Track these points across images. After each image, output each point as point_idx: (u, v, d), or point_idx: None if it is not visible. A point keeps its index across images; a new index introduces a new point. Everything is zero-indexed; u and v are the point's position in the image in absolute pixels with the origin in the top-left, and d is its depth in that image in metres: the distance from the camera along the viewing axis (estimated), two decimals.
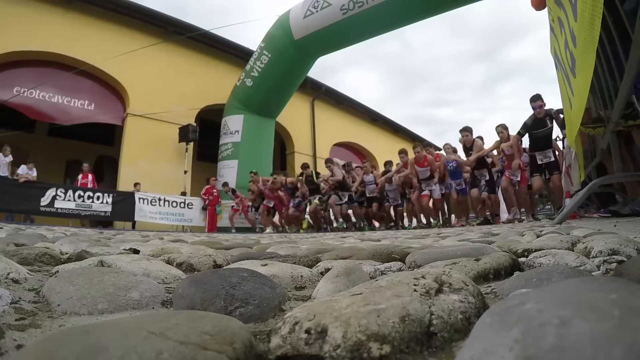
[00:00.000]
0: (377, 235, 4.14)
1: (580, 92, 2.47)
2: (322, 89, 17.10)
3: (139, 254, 1.36)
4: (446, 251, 1.00)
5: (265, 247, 1.92)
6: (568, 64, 2.73)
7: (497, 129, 7.03)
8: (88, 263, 0.98)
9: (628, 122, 2.90)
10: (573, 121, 3.20)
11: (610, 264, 0.78)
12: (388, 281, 0.47)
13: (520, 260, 0.89)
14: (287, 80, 12.13)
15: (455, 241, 1.86)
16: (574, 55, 2.36)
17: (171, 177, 11.99)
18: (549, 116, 6.17)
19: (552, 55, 3.84)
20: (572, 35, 2.26)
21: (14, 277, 0.76)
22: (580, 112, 2.76)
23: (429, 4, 9.21)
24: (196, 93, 13.14)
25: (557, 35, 3.11)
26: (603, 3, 1.56)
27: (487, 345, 0.27)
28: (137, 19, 12.13)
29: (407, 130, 22.05)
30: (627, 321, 0.23)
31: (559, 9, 2.72)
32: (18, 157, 9.73)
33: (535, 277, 0.59)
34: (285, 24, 11.30)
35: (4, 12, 9.71)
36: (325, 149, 16.97)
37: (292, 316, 0.40)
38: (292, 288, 0.81)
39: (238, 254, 1.36)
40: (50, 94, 10.82)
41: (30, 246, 1.36)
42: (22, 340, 0.43)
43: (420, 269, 0.76)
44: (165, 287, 0.71)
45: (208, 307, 0.53)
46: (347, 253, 1.19)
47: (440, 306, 0.41)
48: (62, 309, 0.56)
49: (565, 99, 3.55)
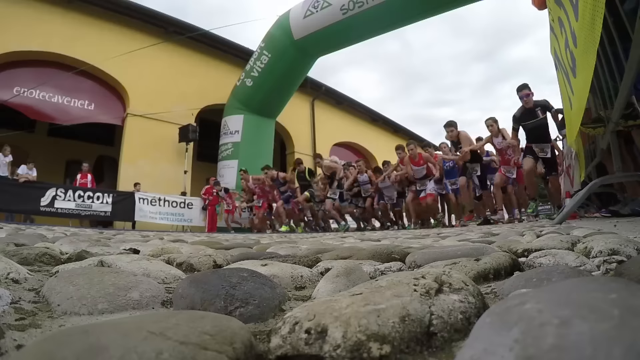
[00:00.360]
0: (377, 235, 4.14)
1: (580, 92, 2.47)
2: (322, 89, 17.10)
3: (139, 254, 1.36)
4: (446, 251, 1.00)
5: (265, 247, 1.92)
6: (568, 63, 2.73)
7: (486, 122, 6.82)
8: (88, 263, 0.98)
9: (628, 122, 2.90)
10: (573, 121, 3.20)
11: (610, 264, 0.78)
12: (388, 281, 0.47)
13: (520, 260, 0.89)
14: (287, 80, 12.13)
15: (455, 241, 1.86)
16: (574, 55, 2.36)
17: (171, 177, 11.99)
18: (540, 107, 5.86)
19: (552, 55, 3.84)
20: (572, 35, 2.26)
21: (14, 277, 0.76)
22: (581, 112, 2.76)
23: (429, 4, 9.21)
24: (196, 93, 13.14)
25: (558, 35, 3.11)
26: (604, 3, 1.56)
27: (487, 345, 0.27)
28: (137, 19, 12.13)
29: (407, 130, 22.05)
30: (627, 321, 0.23)
31: (559, 9, 2.72)
32: (18, 157, 9.73)
33: (535, 277, 0.59)
34: (285, 24, 11.30)
35: (4, 12, 9.71)
36: (325, 149, 16.96)
37: (292, 316, 0.40)
38: (292, 288, 0.81)
39: (238, 254, 1.36)
40: (50, 94, 10.83)
41: (30, 246, 1.36)
42: (22, 340, 0.43)
43: (420, 269, 0.76)
44: (165, 287, 0.71)
45: (208, 307, 0.53)
46: (347, 253, 1.19)
47: (440, 306, 0.41)
48: (62, 309, 0.56)
49: (565, 99, 3.55)
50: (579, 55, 2.18)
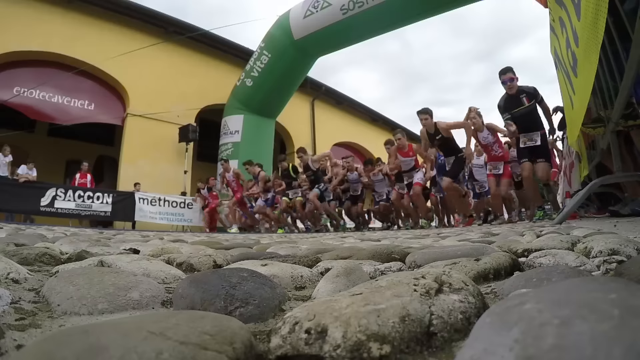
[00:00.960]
0: (377, 235, 4.14)
1: (581, 91, 2.47)
2: (322, 89, 17.09)
3: (139, 254, 1.36)
4: (446, 251, 1.00)
5: (265, 247, 1.92)
6: (569, 63, 2.73)
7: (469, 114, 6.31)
8: (88, 263, 0.98)
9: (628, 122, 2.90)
10: (575, 120, 3.19)
11: (610, 264, 0.78)
12: (388, 281, 0.47)
13: (520, 260, 0.89)
14: (287, 80, 12.13)
15: (455, 241, 1.86)
16: (575, 55, 2.36)
17: (171, 177, 11.99)
18: (525, 93, 5.31)
19: (552, 54, 3.84)
20: (574, 35, 2.26)
21: (14, 277, 0.76)
22: (582, 111, 2.76)
23: (429, 4, 9.21)
24: (196, 93, 13.13)
25: (558, 34, 3.11)
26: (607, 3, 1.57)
27: (487, 345, 0.27)
28: (137, 19, 12.13)
29: (407, 130, 22.01)
30: (627, 321, 0.23)
31: (560, 9, 2.72)
32: (18, 157, 9.73)
33: (535, 277, 0.59)
34: (285, 24, 11.29)
35: (4, 12, 9.71)
36: (325, 149, 16.91)
37: (292, 316, 0.40)
38: (292, 288, 0.81)
39: (238, 254, 1.36)
40: (50, 94, 10.82)
41: (30, 246, 1.36)
42: (22, 340, 0.43)
43: (420, 269, 0.76)
44: (165, 287, 0.71)
45: (208, 307, 0.53)
46: (347, 253, 1.19)
47: (440, 306, 0.41)
48: (62, 309, 0.56)
49: (566, 99, 3.54)
50: (581, 55, 2.18)
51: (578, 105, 2.83)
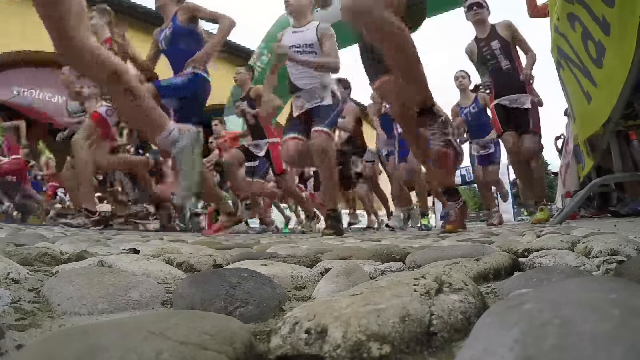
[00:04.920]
0: (377, 235, 4.14)
1: (611, 80, 2.37)
2: None
3: (139, 254, 1.36)
4: (446, 251, 1.00)
5: (265, 247, 1.92)
6: (588, 56, 2.65)
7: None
8: (88, 263, 0.98)
9: (628, 122, 2.90)
10: (596, 116, 2.93)
11: (610, 264, 0.78)
12: (388, 281, 0.47)
13: (520, 260, 0.89)
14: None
15: (455, 241, 1.86)
16: (603, 44, 2.33)
17: None
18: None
19: (554, 54, 3.82)
20: (603, 24, 2.23)
21: (14, 277, 0.76)
22: (609, 102, 2.54)
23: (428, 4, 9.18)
24: None
25: (566, 31, 3.04)
26: None
27: (487, 345, 0.27)
28: (137, 18, 12.12)
29: None
30: (628, 321, 0.23)
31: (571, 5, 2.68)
32: None
33: (535, 277, 0.59)
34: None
35: (4, 12, 9.70)
36: None
37: (292, 316, 0.40)
38: (292, 288, 0.81)
39: (238, 254, 1.36)
40: (50, 94, 10.81)
41: (30, 246, 1.36)
42: (22, 340, 0.43)
43: (420, 269, 0.76)
44: (165, 287, 0.71)
45: (208, 307, 0.53)
46: (347, 253, 1.19)
47: (440, 306, 0.41)
48: (62, 309, 0.56)
49: (577, 96, 3.35)
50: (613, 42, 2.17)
51: (603, 97, 2.65)
